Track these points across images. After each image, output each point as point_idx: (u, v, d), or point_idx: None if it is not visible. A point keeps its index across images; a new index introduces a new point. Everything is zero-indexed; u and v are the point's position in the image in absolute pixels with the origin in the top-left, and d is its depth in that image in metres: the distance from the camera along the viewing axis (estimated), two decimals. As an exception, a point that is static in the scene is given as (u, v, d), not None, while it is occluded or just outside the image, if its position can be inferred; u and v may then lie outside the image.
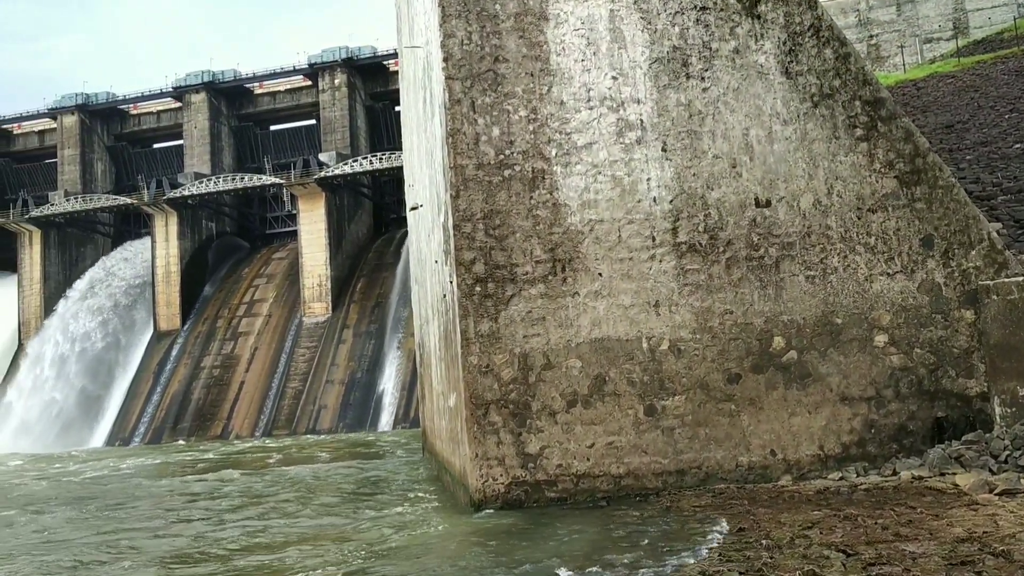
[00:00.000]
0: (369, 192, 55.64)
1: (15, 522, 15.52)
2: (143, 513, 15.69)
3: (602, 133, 11.39)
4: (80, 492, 20.41)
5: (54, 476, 25.95)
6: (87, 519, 15.28)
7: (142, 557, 11.05)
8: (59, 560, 11.14)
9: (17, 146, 64.35)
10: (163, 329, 52.86)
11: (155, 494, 18.75)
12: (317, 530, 11.97)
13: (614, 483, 10.90)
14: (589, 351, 11.07)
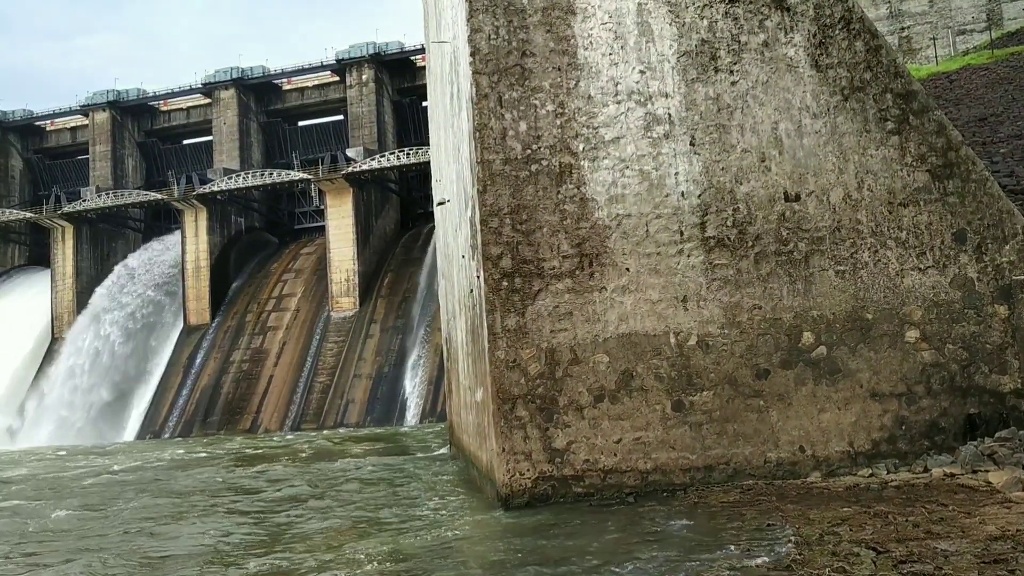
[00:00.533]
0: (396, 187, 55.81)
1: (69, 513, 15.76)
2: (176, 507, 15.85)
3: (630, 127, 11.34)
4: (121, 484, 20.66)
5: (93, 469, 26.28)
6: (131, 511, 15.47)
7: (174, 551, 11.17)
8: (101, 555, 11.30)
9: (50, 143, 65.15)
10: (193, 323, 53.35)
11: (188, 488, 18.94)
12: (344, 524, 12.04)
13: (641, 478, 10.87)
14: (616, 346, 11.03)
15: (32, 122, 63.98)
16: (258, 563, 9.84)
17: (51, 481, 22.73)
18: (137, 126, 61.69)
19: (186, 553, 10.83)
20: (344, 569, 8.99)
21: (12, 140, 63.53)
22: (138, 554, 10.97)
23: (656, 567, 7.58)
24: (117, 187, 58.85)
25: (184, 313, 53.92)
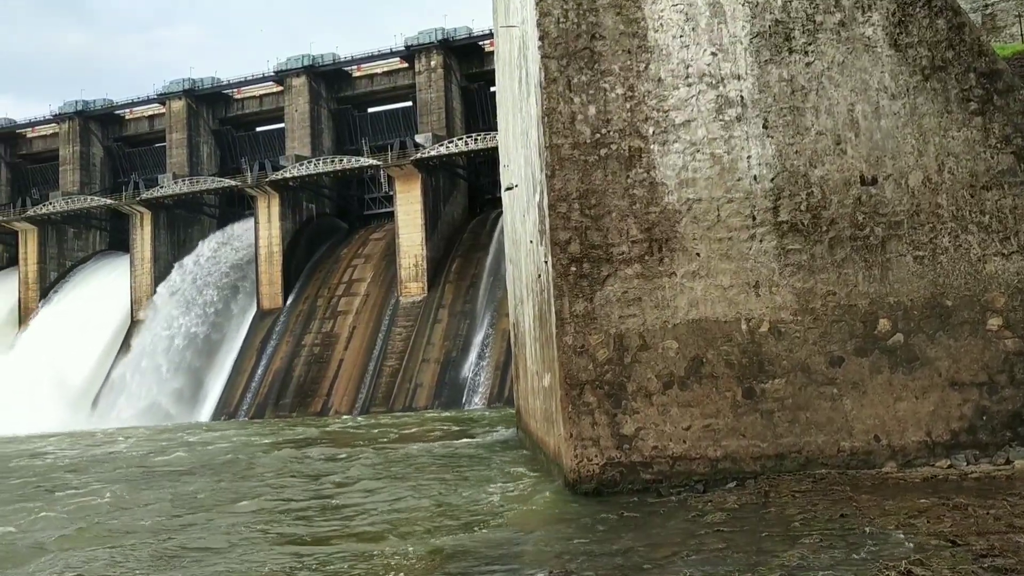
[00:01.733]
0: (464, 173, 55.99)
1: (158, 489, 16.26)
2: (252, 487, 16.21)
3: (701, 110, 11.17)
4: (208, 462, 21.21)
5: (180, 447, 27.02)
6: (220, 488, 15.89)
7: (258, 524, 11.44)
8: (178, 525, 11.63)
9: (129, 131, 66.87)
10: (266, 308, 54.37)
11: (267, 467, 19.34)
12: (411, 506, 12.16)
13: (711, 466, 10.75)
14: (686, 332, 10.91)
15: (112, 111, 65.74)
16: (327, 544, 10.00)
17: (148, 458, 23.45)
18: (212, 114, 62.92)
19: (260, 533, 11.07)
20: (410, 550, 9.09)
21: (93, 129, 65.38)
22: (210, 529, 11.25)
23: (725, 556, 7.50)
24: (193, 174, 60.17)
25: (257, 297, 54.96)
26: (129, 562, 9.53)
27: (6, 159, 69.03)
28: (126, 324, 57.79)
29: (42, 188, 67.44)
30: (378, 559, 8.87)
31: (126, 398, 52.38)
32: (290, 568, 8.78)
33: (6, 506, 14.79)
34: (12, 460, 25.11)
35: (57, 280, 63.01)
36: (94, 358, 56.17)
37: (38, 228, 62.41)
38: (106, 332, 57.77)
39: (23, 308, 61.71)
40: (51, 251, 63.02)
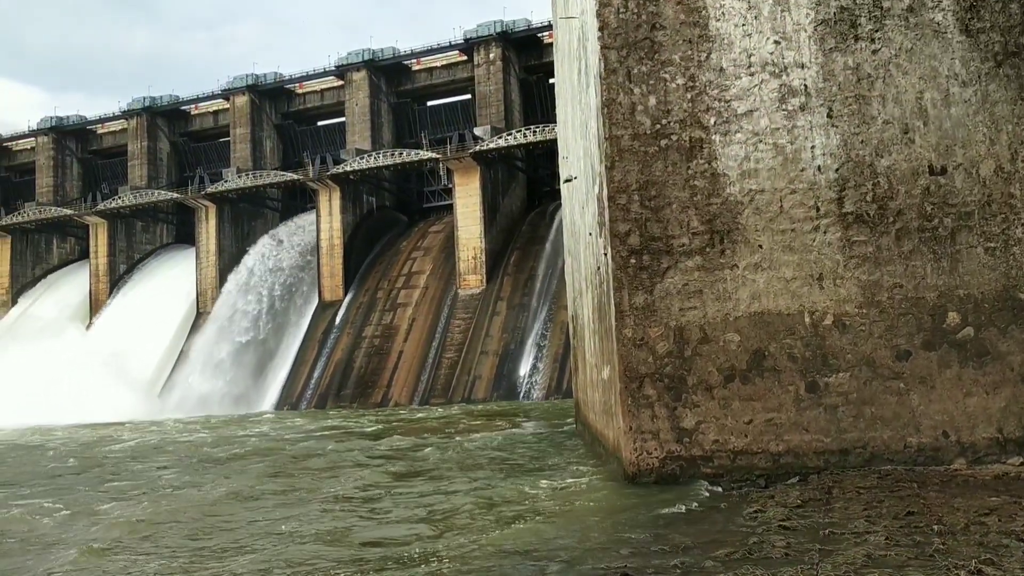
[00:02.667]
0: (523, 165, 55.97)
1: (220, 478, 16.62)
2: (321, 476, 16.46)
3: (763, 100, 10.99)
4: (275, 450, 21.61)
5: (252, 436, 27.56)
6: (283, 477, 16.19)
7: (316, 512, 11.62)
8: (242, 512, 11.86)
9: (194, 126, 68.20)
10: (327, 300, 55.05)
11: (333, 456, 19.62)
12: (469, 497, 12.22)
13: (772, 461, 10.61)
14: (748, 325, 10.77)
15: (178, 107, 67.09)
16: (384, 535, 10.10)
17: (230, 447, 23.97)
18: (274, 109, 63.82)
19: (321, 521, 11.23)
20: (467, 541, 9.13)
21: (160, 124, 66.80)
22: (273, 515, 11.45)
23: (787, 552, 7.38)
24: (256, 168, 61.12)
25: (319, 289, 55.68)
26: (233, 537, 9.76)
27: (77, 155, 70.91)
28: (192, 315, 59.02)
29: (111, 183, 69.16)
30: (434, 550, 8.93)
31: (192, 387, 53.52)
32: (351, 558, 8.89)
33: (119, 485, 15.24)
34: (110, 445, 25.84)
35: (126, 272, 64.60)
36: (161, 348, 57.49)
37: (108, 222, 64.02)
38: (173, 323, 59.09)
39: (94, 299, 63.40)
40: (120, 244, 64.60)
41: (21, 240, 68.16)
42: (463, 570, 8.05)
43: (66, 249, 70.17)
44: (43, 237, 69.20)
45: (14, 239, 67.67)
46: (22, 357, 51.65)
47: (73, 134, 70.57)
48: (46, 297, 66.82)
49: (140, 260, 65.67)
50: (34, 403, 43.61)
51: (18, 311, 65.89)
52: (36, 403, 43.60)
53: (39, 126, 70.44)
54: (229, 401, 51.95)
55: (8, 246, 67.64)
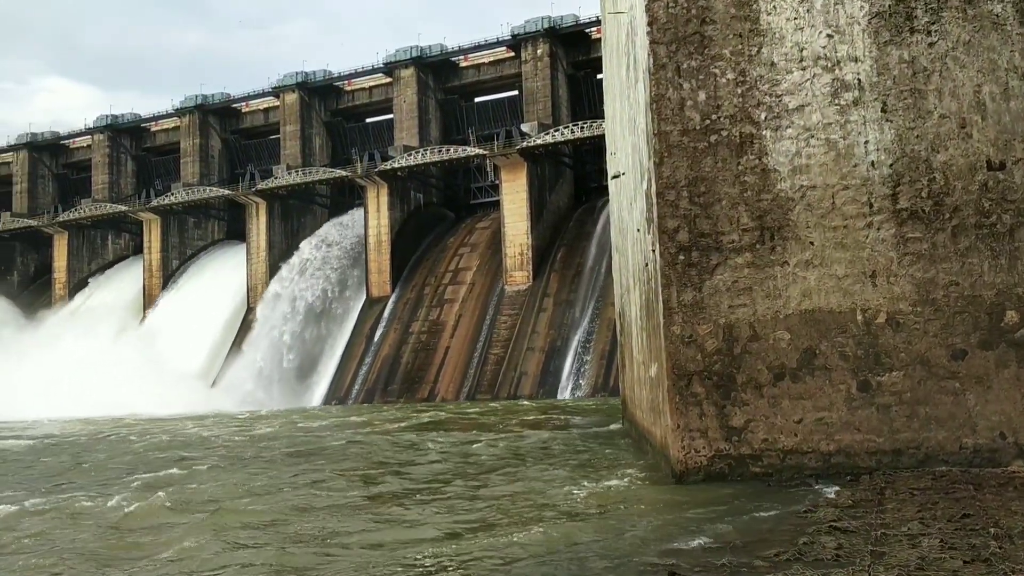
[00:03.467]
0: (570, 161, 55.85)
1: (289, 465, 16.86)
2: (361, 471, 16.61)
3: (815, 94, 10.83)
4: (328, 443, 21.86)
5: (307, 431, 27.90)
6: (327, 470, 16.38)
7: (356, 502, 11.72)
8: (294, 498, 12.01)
9: (245, 123, 69.10)
10: (375, 295, 55.46)
11: (383, 450, 19.78)
12: (515, 493, 12.24)
13: (823, 460, 10.46)
14: (798, 323, 10.63)
15: (229, 104, 68.04)
16: (431, 532, 10.15)
17: (291, 439, 24.28)
18: (323, 106, 64.40)
19: (374, 514, 11.32)
20: (514, 539, 9.14)
21: (212, 122, 67.79)
22: (316, 505, 11.57)
23: (839, 554, 7.28)
24: (305, 165, 61.75)
25: (367, 285, 56.12)
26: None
27: (131, 152, 72.26)
28: (242, 310, 59.85)
29: (164, 180, 70.39)
30: (478, 546, 8.95)
31: (242, 382, 54.29)
32: (402, 554, 8.95)
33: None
34: (179, 437, 26.34)
35: (179, 268, 65.72)
36: (213, 342, 58.42)
37: (161, 218, 65.15)
38: (223, 318, 59.99)
39: (147, 294, 64.60)
40: (173, 240, 65.73)
41: (77, 236, 69.67)
42: (508, 567, 8.06)
43: (120, 245, 71.60)
44: (98, 233, 70.65)
45: (71, 235, 69.19)
46: (77, 350, 52.80)
47: (127, 132, 71.92)
48: (101, 292, 68.25)
49: (192, 256, 66.76)
50: (88, 396, 44.57)
51: (74, 305, 67.40)
52: (90, 396, 44.56)
53: (95, 124, 71.92)
54: (279, 395, 52.62)
55: (65, 242, 69.19)
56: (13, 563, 9.34)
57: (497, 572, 7.90)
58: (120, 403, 43.43)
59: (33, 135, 74.66)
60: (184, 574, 8.53)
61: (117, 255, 71.31)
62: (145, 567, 8.88)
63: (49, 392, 45.39)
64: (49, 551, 9.92)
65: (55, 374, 48.33)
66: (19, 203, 72.92)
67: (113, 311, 64.49)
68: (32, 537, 10.80)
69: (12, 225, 71.39)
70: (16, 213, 72.25)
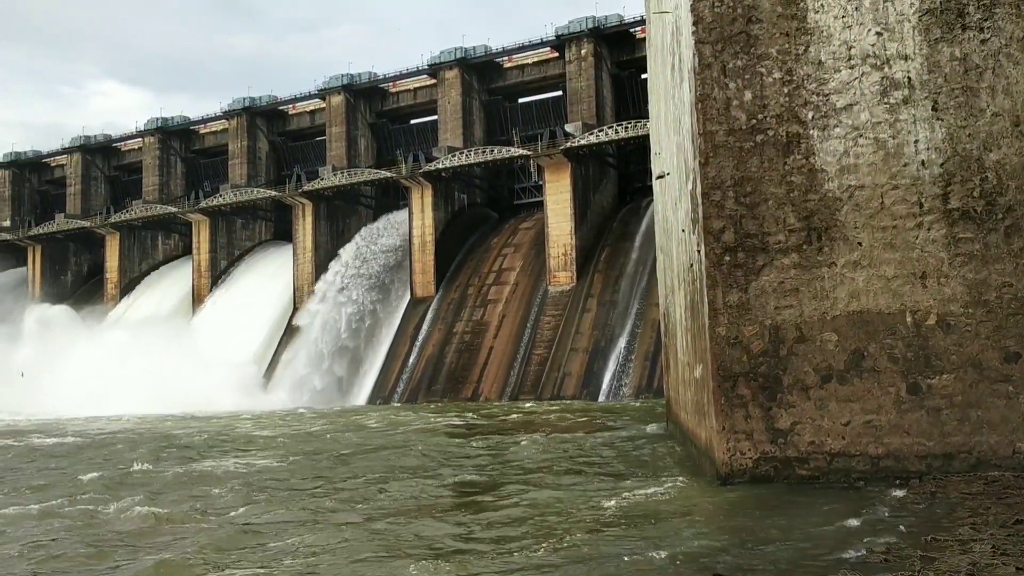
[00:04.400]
0: (614, 161, 55.62)
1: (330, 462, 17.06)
2: (406, 464, 16.73)
3: (864, 93, 10.70)
4: (387, 444, 22.05)
5: (360, 428, 28.18)
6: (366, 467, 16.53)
7: (400, 500, 11.81)
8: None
9: (292, 125, 69.82)
10: (419, 296, 55.73)
11: (426, 449, 19.90)
12: (561, 495, 12.23)
13: (871, 464, 10.33)
14: (846, 324, 10.51)
15: (276, 107, 68.78)
16: (480, 527, 10.20)
17: (350, 438, 24.55)
18: (368, 108, 64.84)
19: (421, 511, 11.41)
20: (559, 539, 9.15)
21: (259, 124, 68.62)
22: (368, 501, 11.69)
23: (887, 558, 7.19)
24: (350, 166, 62.21)
25: (411, 286, 56.40)
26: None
27: (181, 154, 73.38)
28: (289, 310, 60.45)
29: (213, 181, 71.32)
30: (525, 547, 8.98)
31: (289, 380, 54.85)
32: (457, 551, 9.01)
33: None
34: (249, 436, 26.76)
35: (227, 268, 66.58)
36: (260, 342, 59.08)
37: (209, 219, 66.09)
38: (271, 318, 60.65)
39: (196, 294, 65.52)
40: (221, 240, 66.61)
41: (129, 237, 70.91)
42: (554, 568, 8.08)
43: (170, 245, 72.72)
44: (149, 234, 71.83)
45: (122, 236, 70.43)
46: (128, 349, 53.70)
47: (177, 134, 73.03)
48: (152, 291, 69.38)
49: (240, 256, 67.57)
50: (141, 394, 45.34)
51: (126, 304, 68.60)
52: (143, 394, 45.32)
53: (145, 127, 73.15)
54: (325, 394, 53.09)
55: (117, 242, 70.46)
56: (184, 536, 9.59)
57: (546, 574, 7.92)
58: (169, 401, 44.13)
59: (86, 138, 76.13)
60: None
61: (167, 255, 72.44)
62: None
63: (99, 391, 46.28)
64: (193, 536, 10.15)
65: (106, 373, 49.22)
66: (73, 205, 74.40)
67: (163, 310, 65.52)
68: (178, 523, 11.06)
69: (66, 226, 72.84)
70: (70, 214, 73.71)
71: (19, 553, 9.77)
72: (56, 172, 79.54)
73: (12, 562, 9.42)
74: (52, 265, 74.80)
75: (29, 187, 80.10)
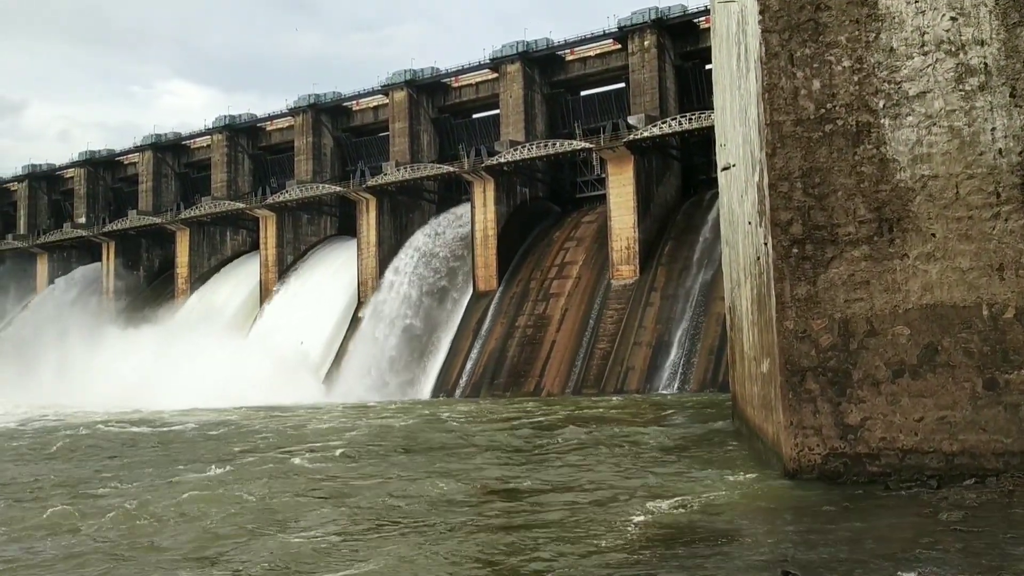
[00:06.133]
0: (677, 154, 55.07)
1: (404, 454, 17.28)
2: (476, 457, 16.82)
3: (938, 80, 10.41)
4: (452, 433, 22.25)
5: (430, 421, 28.45)
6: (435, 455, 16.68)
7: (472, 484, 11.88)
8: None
9: (356, 121, 70.55)
10: (481, 290, 55.92)
11: (497, 441, 20.00)
12: (627, 489, 12.17)
13: (945, 461, 10.07)
14: (919, 318, 10.25)
15: (340, 103, 69.56)
16: (545, 524, 10.20)
17: (423, 433, 24.86)
18: (431, 103, 65.21)
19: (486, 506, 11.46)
20: (625, 532, 9.11)
21: (324, 120, 69.50)
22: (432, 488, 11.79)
23: (963, 558, 7.00)
24: (413, 161, 62.65)
25: (473, 280, 56.61)
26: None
27: (248, 151, 74.69)
28: (353, 304, 61.16)
29: (279, 177, 72.46)
30: (595, 539, 8.95)
31: (353, 374, 55.50)
32: (519, 548, 9.03)
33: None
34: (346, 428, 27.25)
35: (293, 263, 67.61)
36: (325, 336, 59.89)
37: (276, 215, 67.17)
38: (336, 312, 61.43)
39: (263, 289, 66.67)
40: (287, 236, 67.65)
41: (198, 232, 72.44)
42: (622, 559, 8.04)
43: (238, 241, 74.13)
44: (217, 230, 73.30)
45: (192, 231, 71.97)
46: (200, 343, 54.87)
47: (244, 131, 74.35)
48: (221, 286, 70.79)
49: (305, 251, 68.55)
50: (210, 387, 46.29)
51: (196, 299, 70.12)
52: (211, 387, 46.26)
53: (214, 125, 74.62)
54: (389, 388, 53.58)
55: (187, 238, 72.04)
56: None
57: (614, 569, 7.88)
58: (236, 395, 44.93)
59: (157, 136, 77.99)
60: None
61: (235, 251, 73.86)
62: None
63: (172, 384, 47.35)
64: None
65: (178, 366, 50.34)
66: (144, 201, 76.25)
67: (231, 305, 66.85)
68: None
69: (138, 222, 74.69)
70: (142, 211, 75.56)
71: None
72: (128, 170, 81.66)
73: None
74: (125, 260, 76.82)
75: (103, 185, 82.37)
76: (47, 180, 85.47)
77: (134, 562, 9.09)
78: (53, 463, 19.18)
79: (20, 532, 10.79)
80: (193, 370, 48.74)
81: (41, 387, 53.98)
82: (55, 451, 21.58)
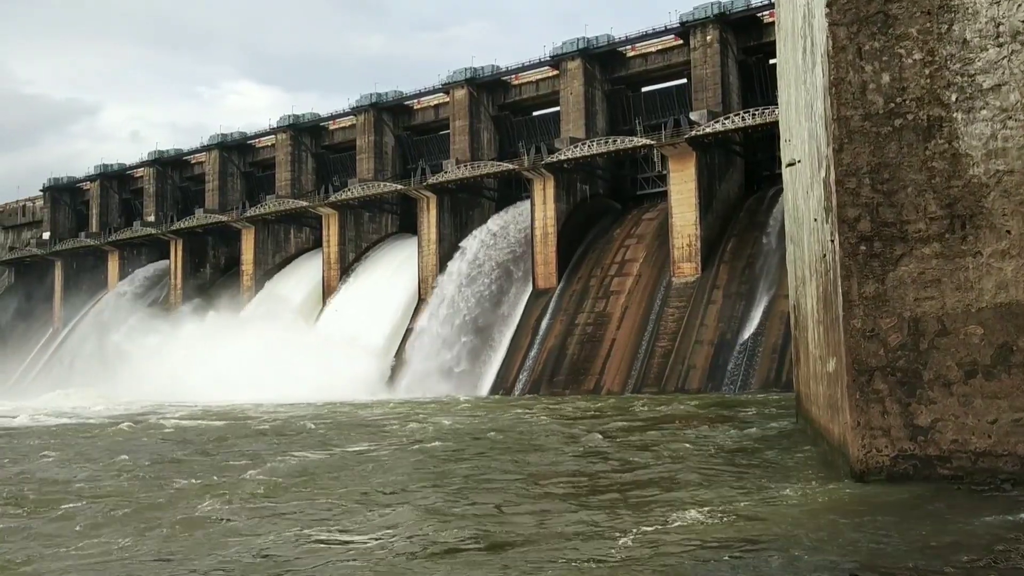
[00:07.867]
0: (740, 150, 54.37)
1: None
2: (538, 455, 16.85)
3: (1013, 73, 10.10)
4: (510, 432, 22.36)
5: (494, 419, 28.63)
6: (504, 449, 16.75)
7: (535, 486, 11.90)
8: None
9: (416, 120, 71.09)
10: (540, 287, 55.91)
11: (549, 442, 20.02)
12: (690, 491, 12.07)
13: (1021, 464, 9.78)
14: (993, 317, 9.97)
15: (402, 102, 70.13)
16: (602, 521, 10.17)
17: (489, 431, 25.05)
18: (491, 101, 65.36)
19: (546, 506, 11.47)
20: (689, 534, 9.03)
21: (386, 119, 70.14)
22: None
23: (1040, 564, 6.79)
24: (473, 159, 62.88)
25: (533, 277, 56.63)
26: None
27: (311, 150, 75.75)
28: (414, 302, 61.62)
29: (341, 176, 73.34)
30: (657, 540, 8.89)
31: (414, 371, 55.94)
32: (594, 547, 9.02)
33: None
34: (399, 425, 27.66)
35: (355, 260, 68.39)
36: (386, 332, 60.47)
37: (338, 213, 68.01)
38: (397, 309, 61.97)
39: (326, 286, 67.58)
40: (349, 233, 68.44)
41: (263, 230, 73.70)
42: (684, 561, 7.98)
43: (302, 238, 75.26)
44: (281, 227, 74.51)
45: (257, 229, 73.25)
46: (262, 340, 55.86)
47: (307, 131, 75.41)
48: (285, 283, 71.94)
49: (367, 249, 69.28)
50: (274, 384, 47.14)
51: (262, 295, 71.37)
52: (275, 384, 47.11)
53: (278, 124, 75.84)
54: (448, 384, 53.86)
55: (252, 236, 73.34)
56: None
57: (676, 570, 7.83)
58: (299, 391, 45.66)
59: (223, 136, 79.55)
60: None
61: (298, 248, 74.99)
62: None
63: (236, 380, 48.35)
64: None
65: (243, 362, 51.34)
66: (211, 200, 77.82)
67: (294, 302, 67.88)
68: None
69: (205, 221, 76.25)
70: (208, 209, 77.12)
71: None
72: (195, 169, 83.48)
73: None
74: (192, 258, 78.49)
75: (171, 183, 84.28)
76: (118, 179, 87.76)
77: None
78: (240, 446, 20.93)
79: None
80: (273, 366, 49.80)
81: (130, 382, 55.52)
82: (215, 441, 22.77)
